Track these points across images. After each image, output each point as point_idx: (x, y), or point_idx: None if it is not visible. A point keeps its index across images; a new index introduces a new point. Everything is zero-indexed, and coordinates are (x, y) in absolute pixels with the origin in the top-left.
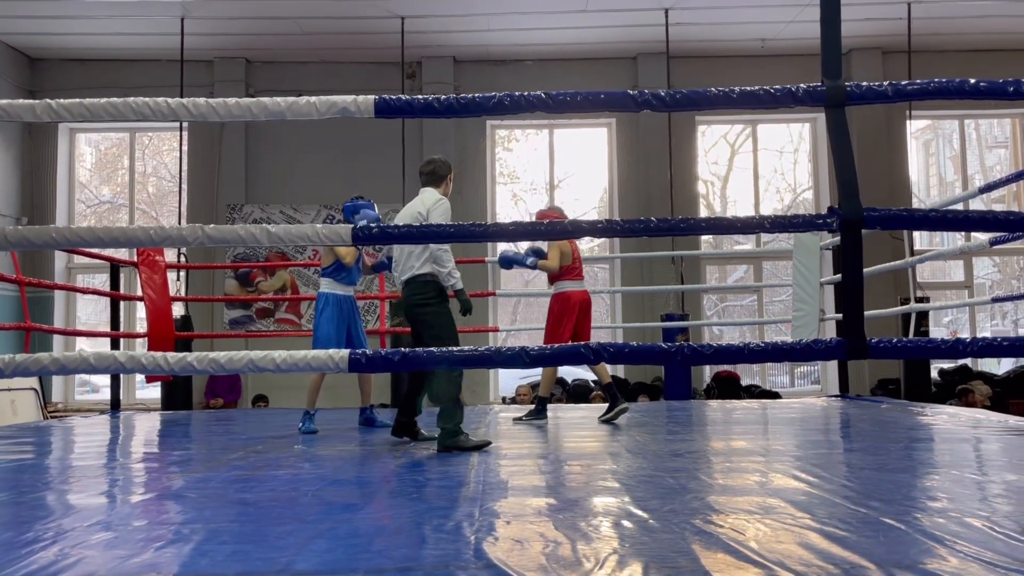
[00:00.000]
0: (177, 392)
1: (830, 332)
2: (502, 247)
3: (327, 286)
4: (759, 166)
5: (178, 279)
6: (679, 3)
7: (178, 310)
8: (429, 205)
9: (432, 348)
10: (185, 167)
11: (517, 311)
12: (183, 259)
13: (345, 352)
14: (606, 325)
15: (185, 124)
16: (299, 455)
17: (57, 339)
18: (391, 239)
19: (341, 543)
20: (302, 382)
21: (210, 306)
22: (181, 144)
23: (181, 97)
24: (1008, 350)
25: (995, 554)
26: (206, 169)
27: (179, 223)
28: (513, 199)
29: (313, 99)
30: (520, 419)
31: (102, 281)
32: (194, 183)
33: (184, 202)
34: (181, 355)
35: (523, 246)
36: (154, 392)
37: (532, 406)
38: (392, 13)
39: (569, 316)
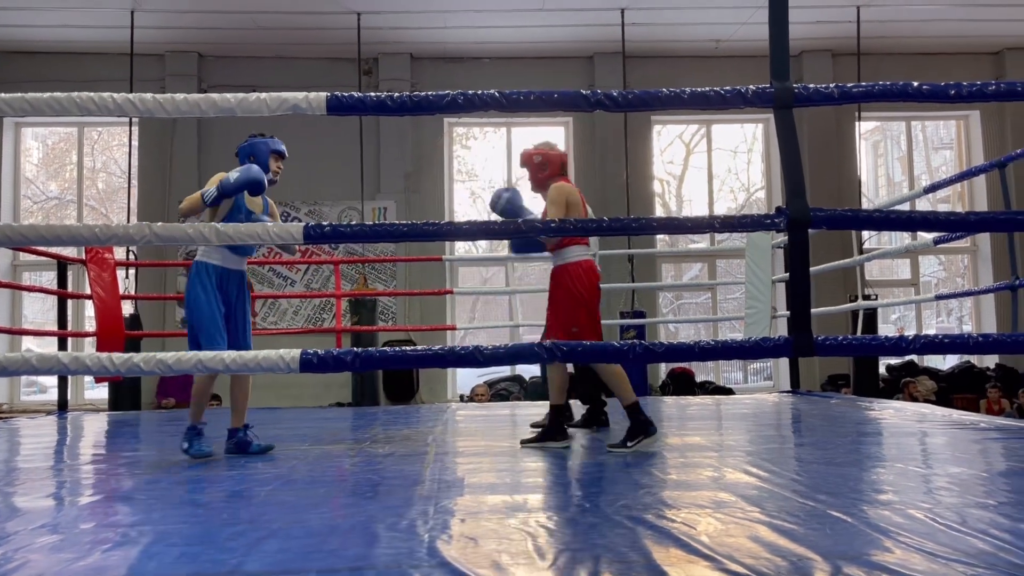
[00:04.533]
0: (125, 392)
1: (782, 329)
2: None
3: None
4: (713, 166)
5: (127, 277)
6: (634, 3)
7: (128, 308)
8: None
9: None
10: (136, 163)
11: (475, 309)
12: (133, 256)
13: (296, 352)
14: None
15: (135, 119)
16: (252, 455)
17: (2, 338)
18: (344, 238)
19: (293, 543)
20: (257, 380)
21: (162, 304)
22: (131, 139)
23: (131, 92)
24: (949, 347)
25: (937, 545)
26: (158, 165)
27: (129, 220)
28: (471, 197)
29: (264, 95)
30: (528, 442)
31: (49, 279)
32: (145, 179)
33: (135, 199)
34: (127, 356)
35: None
36: (104, 393)
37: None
38: (348, 9)
39: (595, 296)
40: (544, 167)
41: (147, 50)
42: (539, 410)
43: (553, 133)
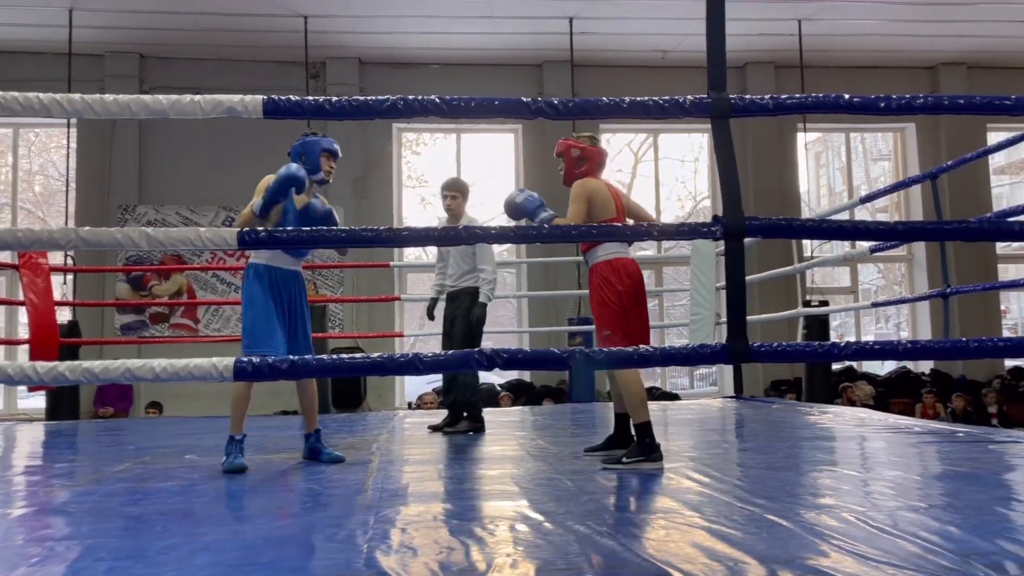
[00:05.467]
0: (63, 401)
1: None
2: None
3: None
4: (661, 174)
5: (64, 283)
6: (583, 13)
7: (65, 315)
8: None
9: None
10: (73, 165)
11: (424, 316)
12: (71, 262)
13: (230, 360)
14: (512, 330)
15: (73, 120)
16: (190, 466)
17: None
18: (280, 243)
19: (227, 556)
20: (198, 389)
21: (100, 311)
22: (69, 141)
23: (69, 92)
24: (879, 353)
25: (869, 547)
26: (96, 168)
27: (67, 224)
28: (422, 203)
29: (198, 97)
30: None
31: None
32: (83, 182)
33: (72, 202)
34: (52, 364)
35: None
36: (40, 402)
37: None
38: (295, 12)
39: (625, 296)
40: (581, 162)
41: (86, 50)
42: (486, 416)
43: (503, 139)
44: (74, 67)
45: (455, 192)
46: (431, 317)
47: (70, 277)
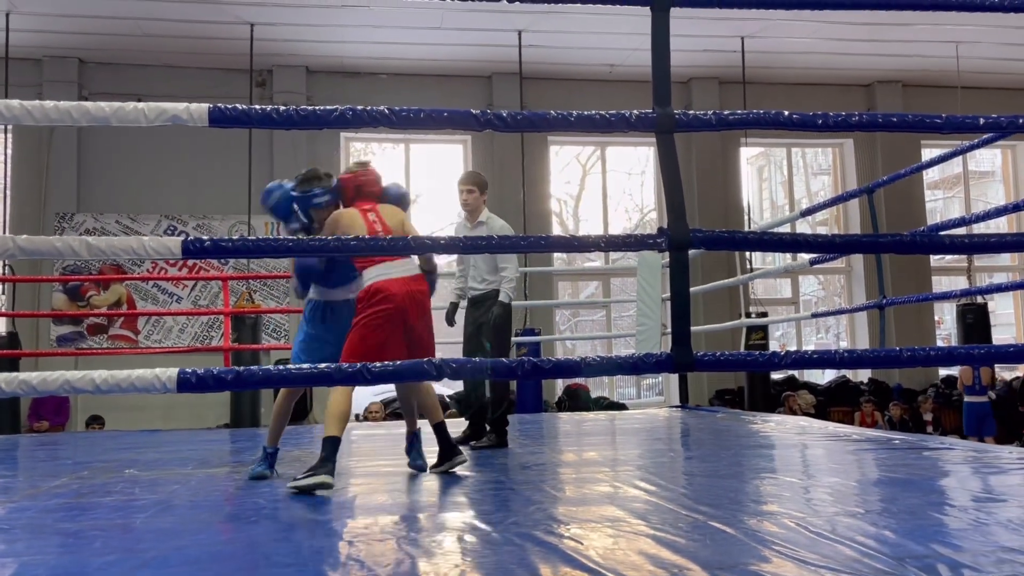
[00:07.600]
0: (4, 415)
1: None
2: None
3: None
4: (608, 187)
5: (3, 292)
6: (532, 26)
7: (4, 326)
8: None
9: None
10: (8, 172)
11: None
12: (10, 271)
13: (174, 371)
14: (459, 341)
15: (9, 126)
16: (130, 480)
17: None
18: (225, 253)
19: (169, 572)
20: (142, 402)
21: (35, 322)
22: (6, 148)
23: (5, 97)
24: (817, 362)
25: (808, 553)
26: (33, 174)
27: (6, 232)
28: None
29: (142, 105)
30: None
31: None
32: (19, 189)
33: (7, 210)
34: None
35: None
36: None
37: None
38: (240, 19)
39: (360, 325)
40: (342, 192)
41: (23, 54)
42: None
43: (452, 150)
44: (10, 71)
45: (471, 186)
46: (451, 323)
47: (8, 287)
